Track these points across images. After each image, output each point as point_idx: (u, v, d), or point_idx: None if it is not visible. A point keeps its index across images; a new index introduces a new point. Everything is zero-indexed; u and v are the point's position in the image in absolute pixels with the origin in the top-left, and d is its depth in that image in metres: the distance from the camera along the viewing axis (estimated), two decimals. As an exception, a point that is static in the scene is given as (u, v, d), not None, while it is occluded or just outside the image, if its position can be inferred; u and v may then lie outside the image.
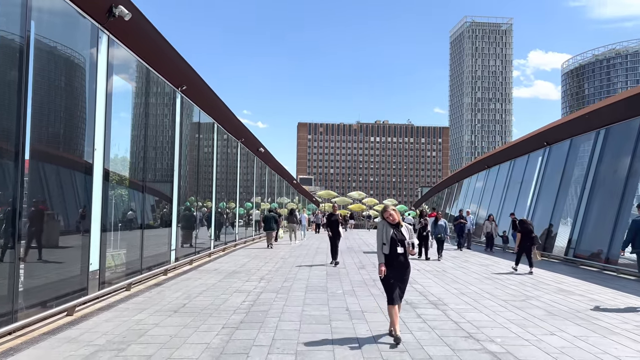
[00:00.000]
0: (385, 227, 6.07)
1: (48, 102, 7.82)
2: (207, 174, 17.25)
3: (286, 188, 42.22)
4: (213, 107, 16.23)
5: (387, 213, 6.11)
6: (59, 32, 8.16)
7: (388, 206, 6.22)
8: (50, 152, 7.89)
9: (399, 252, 6.00)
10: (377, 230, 6.18)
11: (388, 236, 6.02)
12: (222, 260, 15.25)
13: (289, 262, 14.65)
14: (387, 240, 6.03)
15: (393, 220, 6.07)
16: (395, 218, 6.08)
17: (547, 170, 20.72)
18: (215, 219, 17.73)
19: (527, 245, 13.04)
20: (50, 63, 7.90)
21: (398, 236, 6.03)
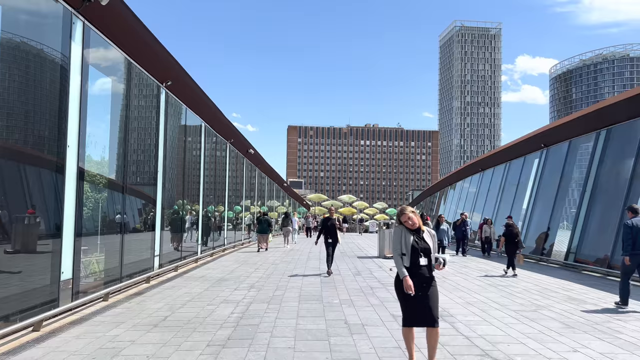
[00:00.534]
0: (404, 234, 5.02)
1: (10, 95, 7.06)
2: (195, 175, 16.46)
3: (276, 191, 41.45)
4: (200, 105, 15.46)
5: (405, 216, 5.03)
6: (26, 18, 7.40)
7: (406, 208, 5.13)
8: (13, 149, 7.12)
9: (421, 264, 4.93)
10: (394, 238, 5.13)
11: (408, 245, 4.95)
12: (209, 267, 14.46)
13: (280, 269, 13.90)
14: (408, 250, 4.96)
15: (413, 225, 5.00)
16: (415, 222, 5.00)
17: (545, 173, 20.21)
18: (202, 223, 16.93)
19: (512, 249, 13.36)
20: (15, 51, 7.13)
21: (420, 245, 4.97)
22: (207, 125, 17.38)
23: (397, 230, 5.14)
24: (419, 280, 4.91)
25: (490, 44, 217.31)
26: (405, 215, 5.05)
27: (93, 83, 9.09)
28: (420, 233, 5.06)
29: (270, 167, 33.23)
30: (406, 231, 5.04)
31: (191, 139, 16.25)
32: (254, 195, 29.89)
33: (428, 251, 4.98)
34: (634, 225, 8.60)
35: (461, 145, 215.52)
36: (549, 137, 19.89)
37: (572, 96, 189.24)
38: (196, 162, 16.66)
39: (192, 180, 16.34)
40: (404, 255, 4.95)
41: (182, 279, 11.83)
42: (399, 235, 5.06)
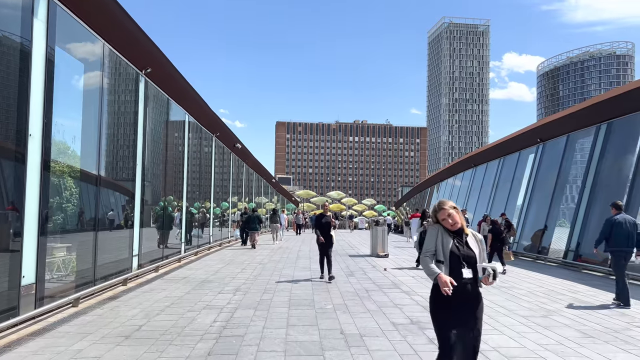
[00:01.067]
0: (441, 237, 3.81)
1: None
2: (178, 170, 15.60)
3: (264, 187, 40.61)
4: (183, 95, 14.59)
5: (444, 213, 3.80)
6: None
7: (445, 203, 3.88)
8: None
9: (465, 277, 3.70)
10: (427, 239, 3.91)
11: (446, 251, 3.75)
12: (193, 267, 13.64)
13: (268, 269, 13.13)
14: (446, 258, 3.75)
15: (453, 225, 3.79)
16: (456, 222, 3.79)
17: (541, 168, 19.67)
18: (186, 220, 16.08)
19: (498, 246, 13.46)
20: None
21: (463, 252, 3.76)
22: (191, 118, 16.51)
23: (432, 230, 3.90)
24: (460, 299, 3.68)
25: (478, 40, 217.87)
26: (443, 211, 3.81)
27: (61, 67, 8.22)
28: (464, 236, 3.83)
29: (258, 162, 32.38)
30: (444, 232, 3.82)
31: (174, 131, 15.39)
32: (242, 191, 29.04)
33: (473, 260, 3.76)
34: (616, 222, 8.62)
35: (449, 141, 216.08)
36: (546, 132, 19.33)
37: (560, 93, 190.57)
38: (180, 156, 15.80)
39: (175, 175, 15.49)
40: (441, 264, 3.77)
41: (162, 280, 11.01)
42: (434, 237, 3.84)
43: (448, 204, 3.86)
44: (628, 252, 8.68)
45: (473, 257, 3.77)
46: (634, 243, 8.64)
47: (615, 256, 8.77)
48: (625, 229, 8.57)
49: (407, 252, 19.08)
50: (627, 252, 8.66)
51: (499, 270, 3.75)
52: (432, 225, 3.97)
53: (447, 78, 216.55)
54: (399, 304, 8.21)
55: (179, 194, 15.65)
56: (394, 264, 14.59)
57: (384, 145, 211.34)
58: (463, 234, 3.84)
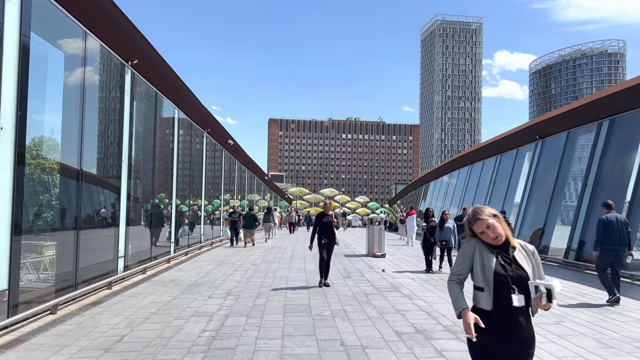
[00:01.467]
0: (480, 254, 2.96)
1: None
2: (167, 166, 15.00)
3: (257, 184, 40.01)
4: (172, 88, 13.99)
5: (482, 224, 2.94)
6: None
7: (482, 211, 2.98)
8: None
9: (514, 304, 2.84)
10: (459, 258, 3.07)
11: (489, 273, 2.89)
12: (182, 268, 13.07)
13: (261, 270, 12.60)
14: (489, 282, 2.88)
15: (495, 237, 2.93)
16: (500, 233, 2.94)
17: (540, 166, 19.26)
18: (176, 219, 15.50)
19: None
20: None
21: (511, 271, 2.89)
22: (181, 113, 15.91)
23: (467, 246, 3.03)
24: (508, 337, 2.83)
25: (471, 38, 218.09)
26: (481, 222, 2.93)
27: (38, 56, 7.62)
28: (510, 250, 2.96)
29: (251, 159, 31.80)
30: (484, 248, 2.97)
31: (163, 126, 14.78)
32: (234, 188, 28.45)
33: (526, 282, 2.86)
34: (608, 220, 8.67)
35: (442, 139, 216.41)
36: (545, 128, 18.93)
37: (552, 91, 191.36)
38: (169, 152, 15.19)
39: (165, 172, 14.89)
40: (481, 292, 2.90)
41: (150, 283, 10.44)
42: (469, 256, 2.99)
43: (485, 211, 2.96)
44: (620, 251, 8.69)
45: (525, 278, 2.88)
46: (625, 241, 8.67)
47: (604, 253, 8.76)
48: (617, 227, 8.61)
49: (404, 252, 18.61)
50: (619, 250, 8.68)
51: (557, 289, 2.72)
52: (467, 239, 3.07)
53: (440, 76, 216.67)
54: (401, 310, 7.72)
55: (168, 191, 15.06)
56: (391, 264, 14.11)
57: (377, 142, 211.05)
58: (509, 248, 2.96)
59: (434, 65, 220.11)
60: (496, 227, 2.94)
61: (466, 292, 3.04)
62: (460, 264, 3.02)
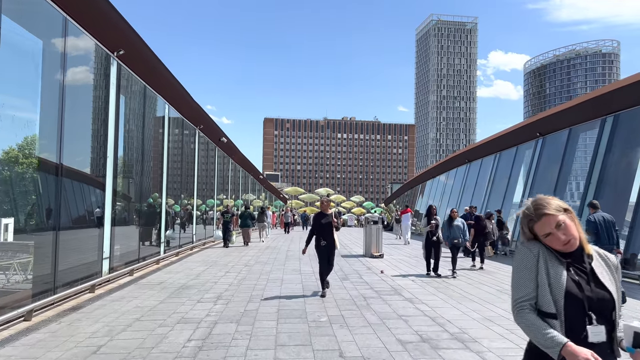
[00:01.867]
0: (545, 266, 2.11)
1: None
2: (157, 163, 14.42)
3: (252, 184, 39.39)
4: (162, 83, 13.43)
5: (550, 220, 2.11)
6: None
7: (547, 203, 2.15)
8: None
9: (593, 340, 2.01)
10: (516, 270, 2.18)
11: (558, 293, 2.04)
12: (172, 269, 12.50)
13: (254, 271, 12.05)
14: (560, 306, 2.02)
15: (567, 242, 2.11)
16: (573, 235, 2.11)
17: (541, 163, 18.83)
18: (166, 218, 14.92)
19: (481, 241, 13.34)
20: None
21: (588, 292, 2.05)
22: (171, 108, 15.34)
23: (527, 253, 2.16)
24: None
25: (466, 38, 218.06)
26: (548, 219, 2.12)
27: (13, 44, 7.05)
28: (585, 259, 2.13)
29: (245, 157, 31.21)
30: (550, 257, 2.12)
31: (153, 122, 14.20)
32: (228, 187, 27.86)
33: (609, 306, 2.06)
34: (597, 220, 8.85)
35: (437, 139, 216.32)
36: (546, 125, 18.50)
37: (546, 91, 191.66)
38: (159, 149, 14.62)
39: (154, 169, 14.32)
40: (552, 319, 2.03)
41: (136, 286, 9.88)
42: (532, 268, 2.12)
43: (553, 204, 2.15)
44: (609, 250, 8.56)
45: (609, 302, 2.05)
46: (613, 240, 8.87)
47: None
48: (605, 226, 8.80)
49: (401, 252, 18.11)
50: (609, 249, 8.52)
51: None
52: (525, 244, 2.21)
53: (435, 75, 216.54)
54: (403, 316, 7.20)
55: (158, 190, 14.48)
56: (390, 265, 13.60)
57: (372, 142, 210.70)
58: (584, 256, 2.14)
59: (429, 65, 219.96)
60: (569, 226, 2.10)
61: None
62: (524, 283, 2.11)
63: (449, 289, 9.76)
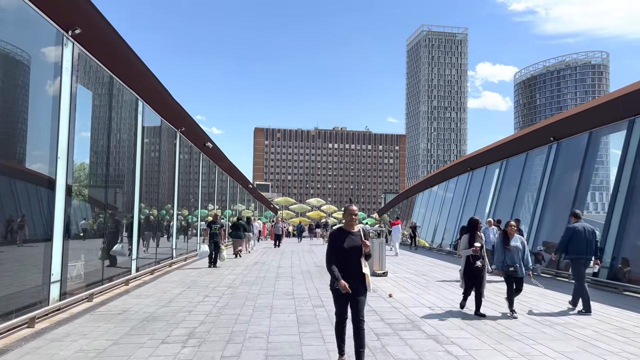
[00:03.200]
0: None
1: None
2: (128, 166, 12.54)
3: (240, 193, 37.41)
4: (133, 73, 11.61)
5: None
6: None
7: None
8: None
9: None
10: None
11: None
12: (142, 292, 10.59)
13: (239, 295, 10.17)
14: None
15: None
16: None
17: (556, 171, 17.20)
18: (139, 230, 13.02)
19: None
20: None
21: None
22: (146, 106, 13.50)
23: None
24: None
25: (456, 49, 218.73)
26: None
27: None
28: None
29: (233, 165, 29.33)
30: None
31: (122, 119, 12.35)
32: (214, 197, 25.93)
33: None
34: (576, 229, 8.89)
35: (428, 149, 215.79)
36: (562, 129, 16.90)
37: (537, 102, 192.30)
38: (131, 149, 12.75)
39: (126, 173, 12.44)
40: None
41: (91, 316, 7.98)
42: None
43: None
44: (587, 259, 8.98)
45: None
46: (592, 250, 8.93)
47: (575, 263, 8.98)
48: (585, 236, 8.85)
49: (404, 268, 16.30)
50: (587, 259, 8.96)
51: None
52: None
53: (426, 86, 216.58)
54: (434, 365, 5.39)
55: (129, 196, 12.58)
56: (397, 286, 11.79)
57: (363, 152, 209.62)
58: None
59: (419, 75, 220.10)
60: None
61: None
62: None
63: (477, 319, 7.96)
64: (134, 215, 12.60)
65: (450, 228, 27.29)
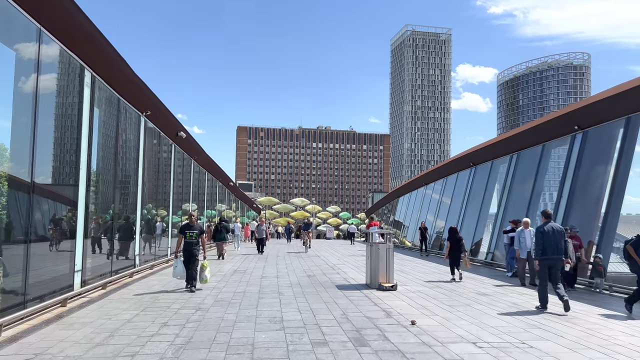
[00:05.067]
0: None
1: None
2: (67, 151, 9.84)
3: (220, 191, 34.53)
4: (73, 30, 8.91)
5: None
6: None
7: None
8: None
9: None
10: None
11: None
12: (78, 318, 7.90)
13: (209, 323, 7.55)
14: None
15: None
16: None
17: (584, 163, 14.94)
18: (85, 232, 10.31)
19: (457, 254, 13.29)
20: None
21: None
22: (97, 77, 10.78)
23: None
24: None
25: (440, 49, 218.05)
26: None
27: None
28: None
29: (212, 160, 26.56)
30: None
31: (61, 89, 9.62)
32: (189, 195, 23.15)
33: None
34: (545, 231, 8.88)
35: (412, 149, 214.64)
36: (588, 116, 14.67)
37: (519, 102, 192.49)
38: (74, 129, 10.03)
39: (62, 159, 9.73)
40: None
41: (-19, 366, 5.31)
42: None
43: None
44: (557, 260, 8.86)
45: None
46: (561, 251, 8.89)
47: (540, 263, 8.94)
48: (553, 237, 8.81)
49: (411, 278, 13.80)
50: (555, 259, 8.84)
51: None
52: None
53: (410, 86, 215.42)
54: None
55: (70, 191, 9.87)
56: (414, 304, 9.30)
57: (348, 151, 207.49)
58: None
59: (403, 75, 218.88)
60: None
61: None
62: None
63: None
64: (77, 213, 9.87)
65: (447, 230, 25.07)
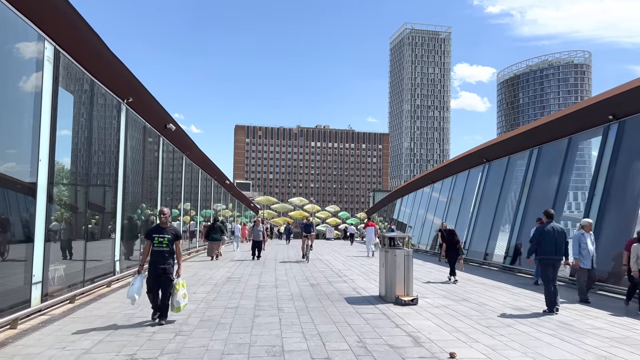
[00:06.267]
0: None
1: None
2: (19, 139, 8.17)
3: (216, 190, 32.79)
4: None
5: None
6: None
7: None
8: None
9: None
10: None
11: None
12: (28, 344, 6.22)
13: (188, 355, 5.89)
14: None
15: None
16: None
17: (620, 157, 13.31)
18: (46, 234, 8.63)
19: (453, 255, 13.31)
20: None
21: None
22: (63, 53, 9.10)
23: None
24: None
25: (440, 47, 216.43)
26: None
27: None
28: None
29: (206, 156, 24.87)
30: None
31: (14, 62, 7.96)
32: (180, 194, 21.46)
33: None
34: (545, 230, 8.72)
35: (411, 148, 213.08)
36: (626, 104, 13.06)
37: (520, 101, 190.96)
38: (36, 120, 8.36)
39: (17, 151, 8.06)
40: None
41: None
42: None
43: None
44: (556, 261, 8.72)
45: None
46: (561, 251, 8.72)
47: (542, 264, 8.84)
48: (553, 237, 8.65)
49: (429, 288, 12.15)
50: (555, 260, 8.70)
51: None
52: None
53: (409, 84, 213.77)
54: None
55: (23, 188, 8.19)
56: (445, 325, 7.64)
57: (346, 150, 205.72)
58: None
59: (403, 73, 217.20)
60: None
61: None
62: None
63: None
64: (34, 211, 8.19)
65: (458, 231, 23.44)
